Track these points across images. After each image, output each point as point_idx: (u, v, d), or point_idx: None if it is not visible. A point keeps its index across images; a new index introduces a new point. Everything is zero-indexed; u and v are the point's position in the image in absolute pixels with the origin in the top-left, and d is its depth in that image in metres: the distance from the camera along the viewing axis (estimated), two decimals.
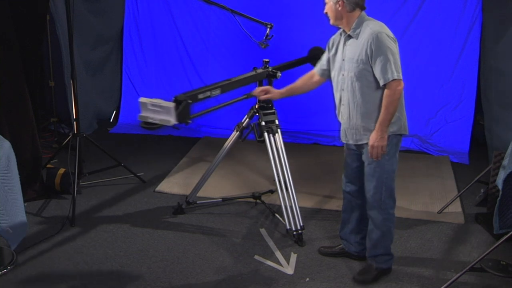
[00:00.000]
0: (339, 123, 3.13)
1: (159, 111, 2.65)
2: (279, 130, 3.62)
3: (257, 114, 3.66)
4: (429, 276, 3.18)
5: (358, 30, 2.88)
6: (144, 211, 3.96)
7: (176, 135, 5.73)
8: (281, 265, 3.27)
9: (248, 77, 3.51)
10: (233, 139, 3.76)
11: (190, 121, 2.81)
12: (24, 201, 3.33)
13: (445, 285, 2.94)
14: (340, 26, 2.98)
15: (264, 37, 3.78)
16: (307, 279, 3.13)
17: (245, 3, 4.85)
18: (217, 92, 3.10)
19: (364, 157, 3.03)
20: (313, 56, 3.61)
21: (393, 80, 2.77)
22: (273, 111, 3.66)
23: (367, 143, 2.95)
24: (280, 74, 3.57)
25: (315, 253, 3.40)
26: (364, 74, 2.86)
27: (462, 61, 5.32)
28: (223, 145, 3.81)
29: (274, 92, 3.41)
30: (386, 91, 2.81)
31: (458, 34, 5.26)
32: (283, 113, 3.99)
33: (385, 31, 2.83)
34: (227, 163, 4.74)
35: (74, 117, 4.20)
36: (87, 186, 4.32)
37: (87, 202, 4.06)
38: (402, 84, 2.81)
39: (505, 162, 3.31)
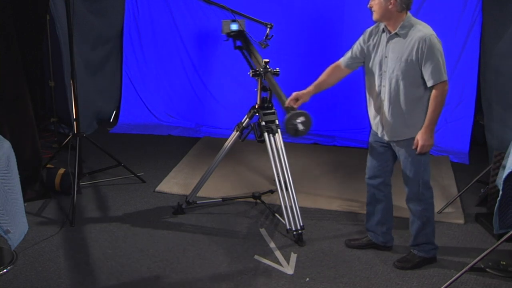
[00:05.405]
0: (374, 118, 3.18)
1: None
2: (279, 130, 3.62)
3: (257, 114, 3.66)
4: (429, 275, 3.18)
5: (406, 30, 2.91)
6: (144, 211, 3.96)
7: (176, 135, 5.73)
8: (281, 265, 3.27)
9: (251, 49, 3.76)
10: (233, 139, 3.75)
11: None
12: (24, 201, 3.32)
13: (445, 285, 2.94)
14: (384, 23, 2.99)
15: (264, 37, 3.77)
16: (307, 279, 3.13)
17: (245, 3, 4.84)
18: None
19: (400, 152, 3.10)
20: None
21: (441, 82, 2.87)
22: (273, 111, 3.66)
23: (407, 139, 3.03)
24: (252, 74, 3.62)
25: (315, 253, 3.41)
26: (410, 74, 2.93)
27: (462, 61, 5.31)
28: (223, 145, 3.80)
29: (304, 96, 3.24)
30: (434, 92, 2.91)
31: (458, 34, 5.25)
32: (283, 113, 3.99)
33: (434, 33, 2.88)
34: (227, 163, 4.74)
35: (74, 117, 4.20)
36: (87, 186, 4.32)
37: (87, 202, 4.06)
38: (448, 84, 2.91)
39: (505, 162, 3.31)
